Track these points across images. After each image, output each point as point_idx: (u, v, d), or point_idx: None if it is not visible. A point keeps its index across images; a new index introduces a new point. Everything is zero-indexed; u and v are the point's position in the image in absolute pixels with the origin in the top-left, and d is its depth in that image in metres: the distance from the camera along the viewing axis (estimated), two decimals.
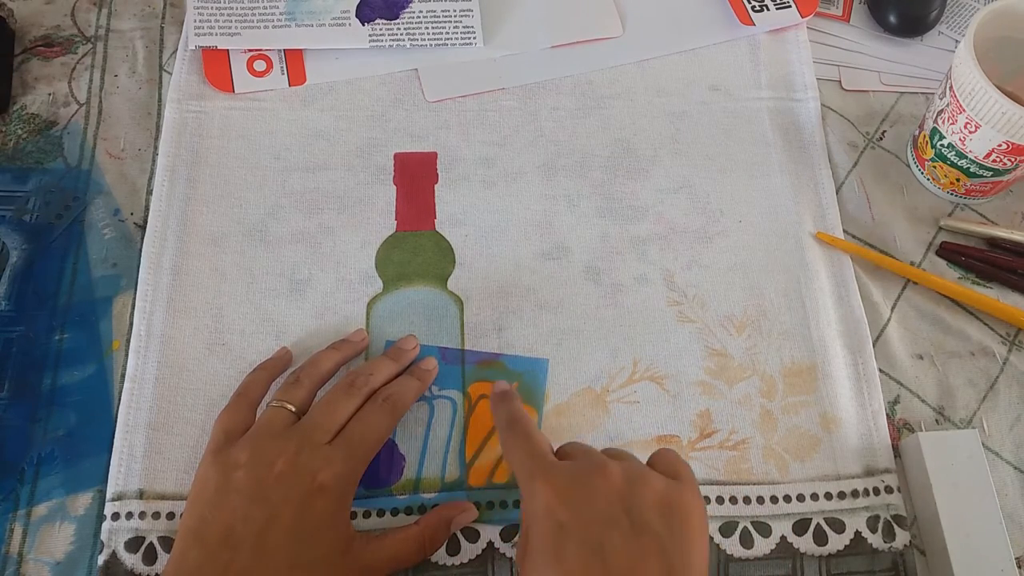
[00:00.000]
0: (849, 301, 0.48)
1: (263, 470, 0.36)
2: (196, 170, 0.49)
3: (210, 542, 0.35)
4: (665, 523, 0.32)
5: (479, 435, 0.43)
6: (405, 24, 0.54)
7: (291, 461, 0.37)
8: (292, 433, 0.38)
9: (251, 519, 0.35)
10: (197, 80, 0.52)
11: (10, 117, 0.51)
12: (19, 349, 0.44)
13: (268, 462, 0.37)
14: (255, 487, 0.36)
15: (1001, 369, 0.46)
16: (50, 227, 0.48)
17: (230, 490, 0.36)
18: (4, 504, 0.41)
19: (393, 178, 0.50)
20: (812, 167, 0.52)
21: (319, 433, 0.38)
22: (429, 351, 0.45)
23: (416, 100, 0.53)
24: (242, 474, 0.37)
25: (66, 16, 0.55)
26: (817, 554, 0.41)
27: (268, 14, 0.53)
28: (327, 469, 0.37)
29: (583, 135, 0.52)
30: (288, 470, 0.36)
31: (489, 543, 0.41)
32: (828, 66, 0.55)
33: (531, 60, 0.54)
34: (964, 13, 0.57)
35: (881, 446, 0.44)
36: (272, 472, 0.36)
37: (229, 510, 0.36)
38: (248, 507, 0.36)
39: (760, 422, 0.44)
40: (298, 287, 0.47)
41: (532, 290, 0.47)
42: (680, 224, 0.49)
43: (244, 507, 0.36)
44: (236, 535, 0.35)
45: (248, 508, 0.36)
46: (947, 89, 0.46)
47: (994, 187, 0.49)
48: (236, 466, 0.37)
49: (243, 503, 0.36)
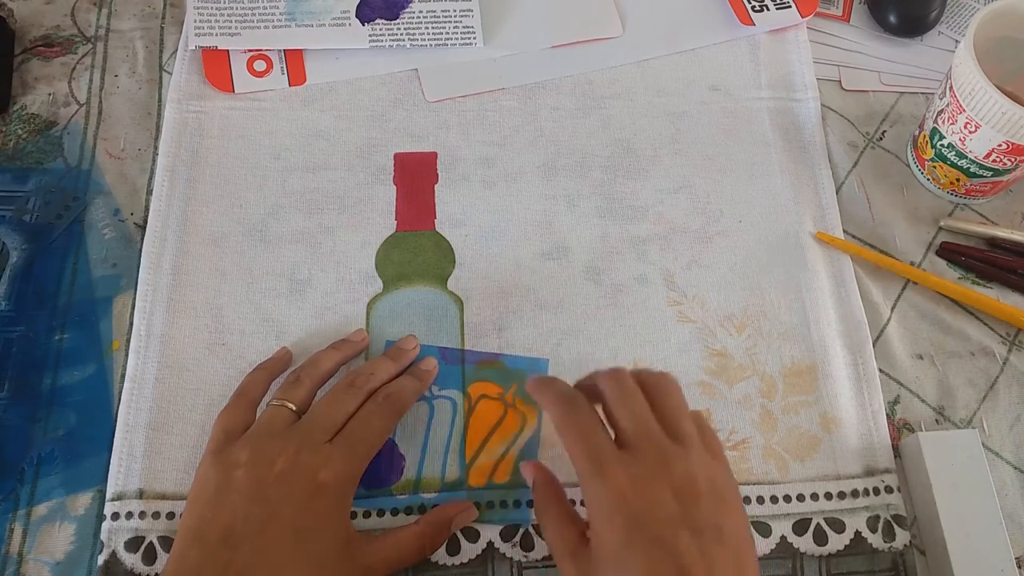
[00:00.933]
0: (849, 301, 0.48)
1: (263, 469, 0.36)
2: (196, 170, 0.49)
3: (210, 541, 0.35)
4: (714, 506, 0.33)
5: (479, 435, 0.43)
6: (405, 24, 0.54)
7: (291, 460, 0.37)
8: (292, 432, 0.38)
9: (251, 518, 0.35)
10: (197, 80, 0.52)
11: (10, 117, 0.51)
12: (19, 349, 0.44)
13: (268, 461, 0.37)
14: (255, 486, 0.36)
15: (1001, 369, 0.46)
16: (50, 227, 0.48)
17: (230, 489, 0.36)
18: (4, 504, 0.41)
19: (393, 178, 0.50)
20: (812, 167, 0.52)
21: (319, 432, 0.38)
22: (429, 351, 0.45)
23: (416, 100, 0.53)
24: (242, 473, 0.37)
25: (66, 16, 0.55)
26: (817, 554, 0.41)
27: (268, 14, 0.53)
28: (327, 468, 0.37)
29: (583, 135, 0.52)
30: (288, 469, 0.36)
31: (489, 543, 0.41)
32: (828, 66, 0.55)
33: (531, 60, 0.54)
34: (964, 13, 0.57)
35: (881, 446, 0.44)
36: (272, 471, 0.36)
37: (229, 509, 0.36)
38: (248, 506, 0.36)
39: (760, 422, 0.44)
40: (298, 287, 0.47)
41: (532, 290, 0.47)
42: (680, 224, 0.49)
43: (244, 506, 0.36)
44: (236, 534, 0.35)
45: (248, 507, 0.36)
46: (947, 89, 0.46)
47: (994, 187, 0.49)
48: (236, 465, 0.37)
49: (243, 502, 0.36)
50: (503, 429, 0.43)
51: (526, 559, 0.41)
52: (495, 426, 0.43)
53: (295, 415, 0.39)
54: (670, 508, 0.32)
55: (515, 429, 0.43)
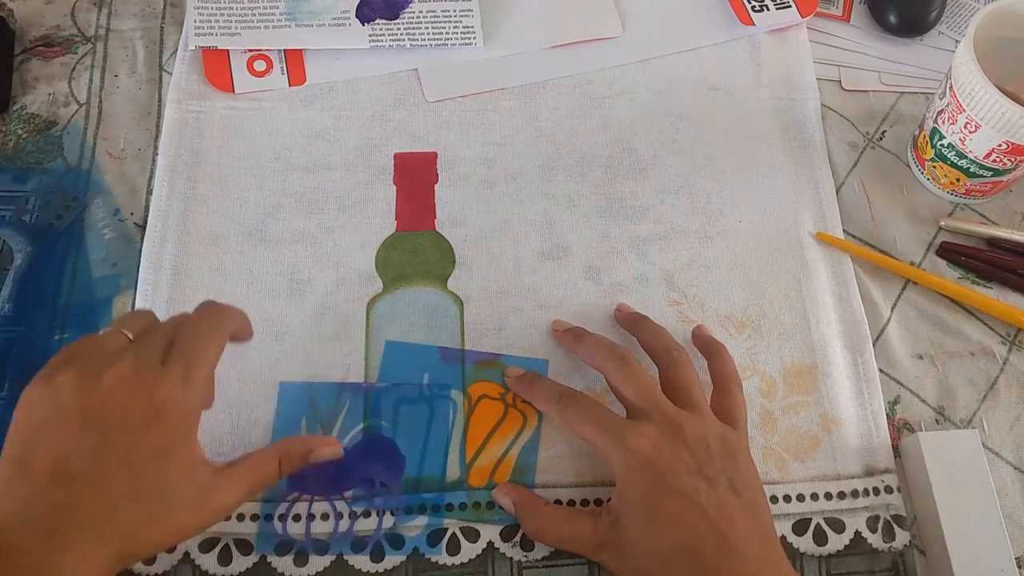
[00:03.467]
0: (849, 301, 0.48)
1: (91, 388, 0.33)
2: (196, 170, 0.49)
3: (38, 475, 0.32)
4: (726, 460, 0.37)
5: (479, 435, 0.43)
6: (405, 24, 0.54)
7: (122, 378, 0.33)
8: (123, 351, 0.34)
9: (82, 447, 0.32)
10: (197, 80, 0.52)
11: (10, 117, 0.51)
12: (19, 349, 0.44)
13: (95, 378, 0.33)
14: (83, 408, 0.32)
15: (1001, 369, 0.46)
16: (50, 227, 0.48)
17: (57, 415, 0.32)
18: None
19: (393, 178, 0.50)
20: (812, 167, 0.52)
21: (152, 352, 0.34)
22: (429, 351, 0.45)
23: (416, 100, 0.53)
24: (68, 394, 0.33)
25: (66, 16, 0.55)
26: (817, 554, 0.41)
27: (268, 14, 0.53)
28: (163, 387, 0.33)
29: (583, 135, 0.52)
30: (119, 387, 0.33)
31: (489, 543, 0.41)
32: (828, 66, 0.55)
33: (531, 60, 0.54)
34: (964, 13, 0.57)
35: (881, 446, 0.44)
36: (101, 390, 0.33)
37: (58, 437, 0.32)
38: (78, 433, 0.32)
39: (760, 422, 0.44)
40: (298, 287, 0.47)
41: (532, 290, 0.47)
42: (680, 224, 0.49)
43: (73, 433, 0.32)
44: (66, 467, 0.32)
45: (78, 434, 0.32)
46: (947, 89, 0.46)
47: (994, 187, 0.49)
48: (62, 386, 0.33)
49: (71, 429, 0.32)
50: (503, 429, 0.43)
51: (526, 559, 0.41)
52: (495, 426, 0.43)
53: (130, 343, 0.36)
54: (688, 462, 0.36)
55: (515, 429, 0.43)
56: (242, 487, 0.36)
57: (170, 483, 0.33)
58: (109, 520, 0.32)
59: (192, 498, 0.34)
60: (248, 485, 0.36)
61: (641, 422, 0.38)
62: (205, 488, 0.34)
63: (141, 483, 0.32)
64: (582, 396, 0.40)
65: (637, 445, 0.37)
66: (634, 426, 0.38)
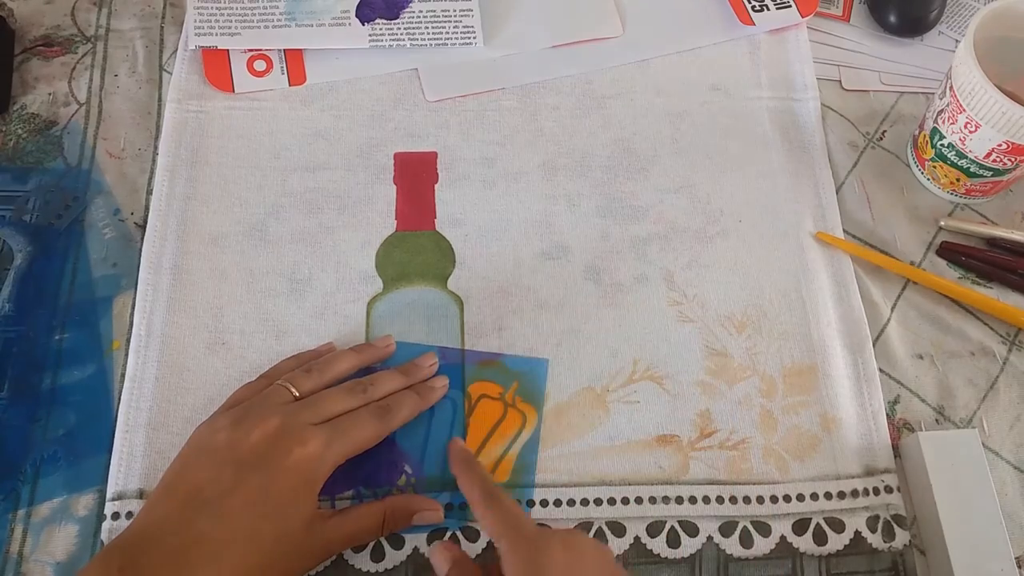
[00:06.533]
0: (849, 301, 0.48)
1: (241, 436, 0.37)
2: (196, 170, 0.49)
3: (178, 497, 0.35)
4: None
5: (479, 435, 0.43)
6: (405, 24, 0.54)
7: (270, 433, 0.37)
8: (281, 410, 0.38)
9: (218, 481, 0.35)
10: (197, 80, 0.52)
11: (10, 117, 0.51)
12: (19, 349, 0.44)
13: (247, 429, 0.37)
14: (228, 451, 0.36)
15: (1001, 369, 0.46)
16: (50, 227, 0.48)
17: (208, 451, 0.37)
18: (5, 504, 0.41)
19: (393, 178, 0.50)
20: (812, 167, 0.52)
21: (306, 415, 0.38)
22: (429, 351, 0.45)
23: (416, 100, 0.53)
24: (222, 437, 0.37)
25: (66, 16, 0.55)
26: (817, 554, 0.41)
27: (268, 14, 0.53)
28: (304, 448, 0.37)
29: (583, 135, 0.52)
30: (263, 441, 0.36)
31: (489, 542, 0.41)
32: (828, 66, 0.55)
33: (531, 60, 0.54)
34: (964, 13, 0.57)
35: (881, 446, 0.44)
36: (249, 439, 0.36)
37: (201, 470, 0.36)
38: (218, 469, 0.36)
39: (760, 422, 0.44)
40: (298, 287, 0.47)
41: (532, 290, 0.47)
42: (680, 224, 0.49)
43: (215, 468, 0.36)
44: (202, 495, 0.35)
45: (218, 470, 0.36)
46: (947, 89, 0.46)
47: (994, 187, 0.49)
48: (219, 429, 0.37)
49: (214, 465, 0.36)
50: (503, 429, 0.43)
51: None
52: (495, 426, 0.43)
53: (294, 400, 0.39)
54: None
55: (515, 429, 0.43)
56: (345, 538, 0.39)
57: (287, 528, 0.36)
58: (228, 552, 0.34)
59: (303, 548, 0.36)
60: (351, 533, 0.39)
61: (544, 529, 0.35)
62: (316, 540, 0.37)
63: (262, 524, 0.35)
64: (504, 497, 0.37)
65: (548, 550, 0.34)
66: (540, 533, 0.35)
